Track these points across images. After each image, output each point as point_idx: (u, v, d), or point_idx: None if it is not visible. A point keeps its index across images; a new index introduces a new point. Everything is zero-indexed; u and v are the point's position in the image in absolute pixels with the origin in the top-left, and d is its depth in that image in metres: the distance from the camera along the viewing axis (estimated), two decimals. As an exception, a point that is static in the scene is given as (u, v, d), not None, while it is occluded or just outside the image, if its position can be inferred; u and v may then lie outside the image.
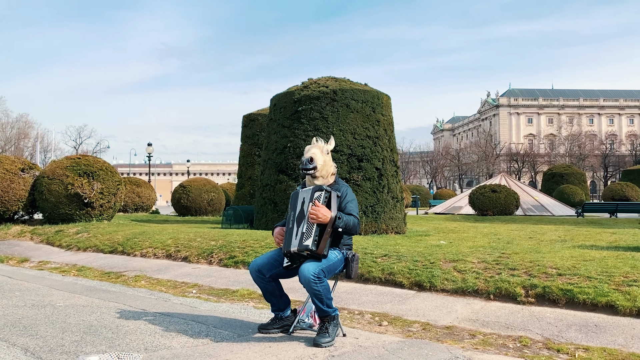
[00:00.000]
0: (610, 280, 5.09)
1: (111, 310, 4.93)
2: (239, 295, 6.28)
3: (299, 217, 3.87)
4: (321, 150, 4.08)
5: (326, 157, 4.09)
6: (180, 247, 9.52)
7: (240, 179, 20.13)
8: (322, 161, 4.04)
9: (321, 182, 4.04)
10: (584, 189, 42.02)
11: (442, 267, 6.19)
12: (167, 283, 7.36)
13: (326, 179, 4.06)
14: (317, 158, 4.02)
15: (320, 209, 3.75)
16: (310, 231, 3.76)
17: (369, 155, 12.16)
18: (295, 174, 12.26)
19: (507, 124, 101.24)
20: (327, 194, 3.86)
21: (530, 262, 5.93)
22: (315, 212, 3.74)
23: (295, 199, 3.99)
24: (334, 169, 4.14)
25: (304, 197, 3.93)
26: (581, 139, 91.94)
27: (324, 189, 3.87)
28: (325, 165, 4.05)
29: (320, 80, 13.01)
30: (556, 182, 42.47)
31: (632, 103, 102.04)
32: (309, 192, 3.90)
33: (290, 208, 3.99)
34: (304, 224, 3.81)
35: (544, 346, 4.10)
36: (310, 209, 3.77)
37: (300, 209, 3.90)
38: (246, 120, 20.25)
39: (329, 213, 3.77)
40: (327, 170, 4.07)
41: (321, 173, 4.03)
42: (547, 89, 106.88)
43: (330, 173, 4.09)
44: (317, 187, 3.89)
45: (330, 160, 4.17)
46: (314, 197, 3.84)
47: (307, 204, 3.86)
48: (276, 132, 12.98)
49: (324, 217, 3.74)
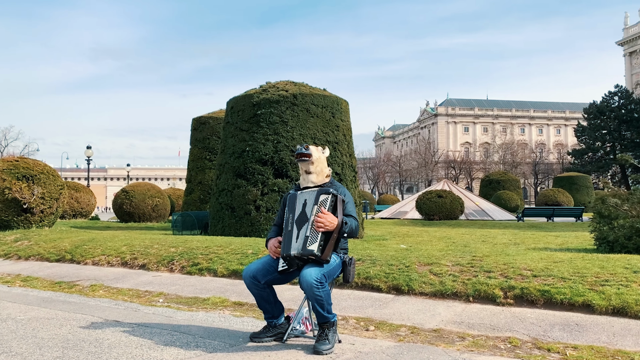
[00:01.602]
0: (583, 280, 5.29)
1: (81, 323, 4.57)
2: (211, 303, 6.03)
3: (300, 219, 3.74)
4: (316, 149, 4.01)
5: (322, 155, 4.00)
6: (136, 254, 9.07)
7: (190, 184, 19.59)
8: (317, 156, 3.95)
9: (315, 179, 3.93)
10: (519, 195, 44.06)
11: (418, 271, 6.22)
12: (129, 292, 6.97)
13: (320, 177, 3.95)
14: (314, 152, 3.93)
15: (327, 216, 3.65)
16: (315, 236, 3.64)
17: (329, 160, 12.11)
18: (254, 179, 12.05)
19: (444, 132, 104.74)
20: (333, 198, 3.75)
21: (504, 264, 6.07)
22: (322, 221, 3.63)
23: (293, 201, 3.86)
24: (328, 171, 4.05)
25: (306, 199, 3.80)
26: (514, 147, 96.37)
27: (330, 192, 3.76)
28: (320, 161, 3.95)
29: (279, 84, 12.88)
30: (493, 188, 44.22)
31: (559, 114, 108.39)
32: (313, 194, 3.78)
33: (288, 210, 3.85)
34: (307, 227, 3.68)
35: (534, 346, 4.17)
36: (317, 216, 3.65)
37: (301, 211, 3.77)
38: (196, 124, 19.75)
39: (336, 220, 3.67)
40: (322, 167, 3.96)
41: (316, 169, 3.94)
42: (482, 100, 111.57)
43: (325, 173, 3.99)
44: (323, 190, 3.78)
45: (325, 160, 4.07)
46: (319, 200, 3.72)
47: (311, 206, 3.73)
48: (234, 136, 12.71)
49: (330, 224, 3.64)
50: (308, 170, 3.93)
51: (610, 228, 9.03)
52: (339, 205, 3.76)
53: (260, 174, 12.04)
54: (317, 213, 3.68)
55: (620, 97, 64.25)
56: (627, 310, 4.67)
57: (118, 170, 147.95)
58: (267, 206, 11.83)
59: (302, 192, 3.88)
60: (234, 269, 7.50)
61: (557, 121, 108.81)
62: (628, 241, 8.53)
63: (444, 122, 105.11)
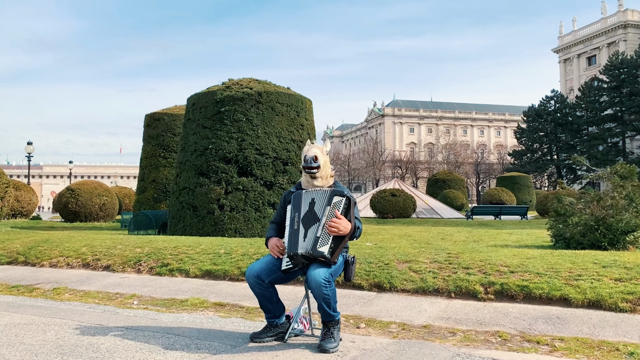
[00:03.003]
0: (558, 275, 5.55)
1: (65, 328, 4.35)
2: (190, 304, 5.88)
3: (307, 218, 3.70)
4: (321, 150, 3.96)
5: (326, 157, 3.97)
6: (99, 255, 8.71)
7: (142, 182, 18.99)
8: (324, 161, 3.92)
9: (320, 183, 3.91)
10: (464, 194, 45.56)
11: (398, 268, 6.32)
12: (98, 295, 6.68)
13: (325, 180, 3.94)
14: (320, 157, 3.89)
15: (342, 221, 3.64)
16: (327, 238, 3.62)
17: (294, 159, 12.11)
18: (217, 177, 11.85)
19: (391, 132, 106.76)
20: (347, 201, 3.73)
21: (481, 261, 6.27)
22: (337, 226, 3.61)
23: (298, 199, 3.82)
24: (332, 171, 4.03)
25: (313, 198, 3.76)
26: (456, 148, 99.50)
27: (345, 195, 3.74)
28: (325, 166, 3.93)
29: (242, 81, 12.72)
30: (439, 187, 45.42)
31: (499, 117, 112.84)
32: (324, 195, 3.74)
33: (293, 209, 3.81)
34: (317, 228, 3.65)
35: (523, 339, 4.34)
36: (332, 220, 3.63)
37: (308, 210, 3.73)
38: (150, 120, 19.17)
39: (349, 225, 3.67)
40: (327, 171, 3.95)
41: (321, 173, 3.91)
42: (427, 101, 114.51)
43: (328, 174, 3.97)
44: (337, 192, 3.75)
45: (329, 162, 4.02)
46: (332, 202, 3.69)
47: (322, 206, 3.69)
48: (195, 133, 12.44)
49: (345, 229, 3.64)
50: (314, 176, 3.89)
51: (565, 225, 9.50)
52: (352, 208, 3.76)
53: (224, 172, 11.84)
54: (331, 216, 3.66)
55: (556, 102, 67.67)
56: (601, 303, 4.94)
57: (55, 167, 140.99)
58: (232, 205, 11.66)
59: (307, 190, 3.85)
60: (208, 269, 7.35)
61: (497, 123, 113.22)
62: (583, 238, 9.01)
63: (391, 122, 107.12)
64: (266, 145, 11.92)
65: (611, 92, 60.79)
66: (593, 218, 9.05)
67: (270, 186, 11.84)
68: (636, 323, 4.54)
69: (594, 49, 74.01)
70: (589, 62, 75.40)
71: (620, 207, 9.01)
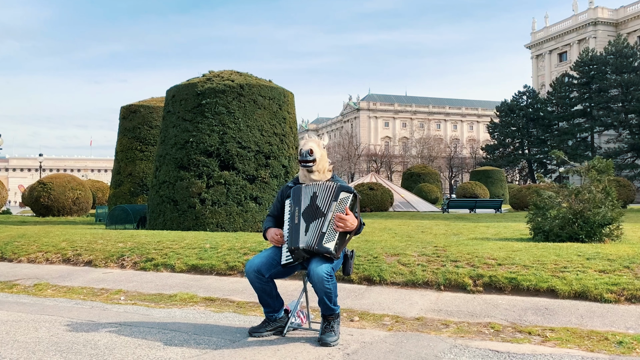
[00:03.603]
0: (544, 267, 5.68)
1: (56, 324, 4.25)
2: (179, 299, 5.82)
3: (309, 213, 3.68)
4: (318, 144, 3.95)
5: (323, 151, 3.96)
6: (80, 250, 8.54)
7: (118, 176, 18.65)
8: (320, 155, 3.91)
9: (317, 177, 3.90)
10: (438, 188, 46.15)
11: (387, 262, 6.38)
12: (82, 290, 6.56)
13: (322, 174, 3.93)
14: (316, 151, 3.88)
15: (349, 217, 3.65)
16: (333, 235, 3.63)
17: (276, 153, 12.07)
18: (199, 171, 11.72)
19: (366, 126, 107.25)
20: (354, 197, 3.73)
21: (468, 254, 6.37)
22: (344, 222, 3.62)
23: (298, 194, 3.79)
24: (329, 165, 4.02)
25: (315, 192, 3.73)
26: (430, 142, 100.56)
27: (352, 191, 3.74)
28: (322, 160, 3.92)
29: (223, 74, 12.58)
30: (414, 180, 45.90)
31: (472, 112, 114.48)
32: (330, 190, 3.70)
33: (294, 203, 3.79)
34: (322, 223, 3.63)
35: (515, 330, 4.43)
36: (340, 216, 3.62)
37: (309, 204, 3.71)
38: (125, 112, 18.81)
39: (356, 221, 3.69)
40: (323, 165, 3.93)
41: (318, 167, 3.90)
42: (402, 96, 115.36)
43: (326, 169, 3.95)
44: (344, 187, 3.74)
45: (326, 156, 4.00)
46: (339, 198, 3.67)
47: (327, 201, 3.67)
48: (175, 126, 12.27)
49: (352, 226, 3.66)
50: (310, 170, 3.88)
51: (544, 219, 9.71)
52: (357, 205, 3.77)
53: (205, 166, 11.72)
54: (338, 212, 3.65)
55: (528, 97, 69.01)
56: (587, 294, 5.08)
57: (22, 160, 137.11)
58: (213, 199, 11.55)
59: (308, 184, 3.83)
60: (194, 264, 7.29)
61: (470, 118, 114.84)
62: (561, 230, 9.22)
63: (366, 116, 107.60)
64: (248, 139, 11.84)
65: (581, 88, 62.30)
66: (571, 211, 9.27)
67: (252, 180, 11.77)
68: (621, 313, 4.68)
69: (565, 45, 75.65)
70: (560, 58, 77.07)
71: (597, 201, 9.26)
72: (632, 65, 59.38)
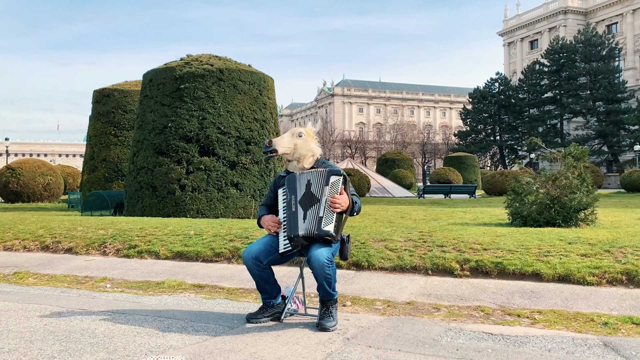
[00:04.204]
0: (528, 252, 5.83)
1: (46, 313, 4.17)
2: (167, 286, 5.78)
3: (305, 200, 3.70)
4: (292, 133, 3.93)
5: (297, 140, 3.87)
6: (59, 237, 8.36)
7: (92, 161, 18.24)
8: (292, 145, 3.86)
9: (298, 166, 3.87)
10: (412, 173, 46.65)
11: (374, 247, 6.44)
12: (65, 278, 6.44)
13: (303, 162, 3.89)
14: (279, 142, 3.87)
15: (343, 197, 3.68)
16: (331, 217, 3.64)
17: (257, 139, 11.99)
18: (178, 157, 11.57)
19: (341, 112, 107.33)
20: (343, 179, 3.76)
21: (454, 239, 6.48)
22: (339, 201, 3.65)
23: (293, 182, 3.80)
24: (313, 152, 3.92)
25: (309, 179, 3.75)
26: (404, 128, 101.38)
27: (342, 173, 3.76)
28: (297, 149, 3.87)
29: (202, 58, 12.39)
30: (389, 166, 46.26)
31: (445, 98, 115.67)
32: (320, 175, 3.72)
33: (289, 192, 3.79)
34: (318, 208, 3.65)
35: (504, 313, 4.55)
36: (334, 197, 3.66)
37: (305, 192, 3.72)
38: (99, 96, 18.36)
39: (348, 200, 3.71)
40: (301, 152, 3.88)
41: (293, 156, 3.89)
42: (376, 82, 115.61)
43: (306, 155, 3.87)
44: (334, 171, 3.75)
45: (307, 144, 3.93)
46: (330, 182, 3.70)
47: (320, 187, 3.69)
48: (153, 111, 12.05)
49: (346, 205, 3.69)
50: (287, 159, 3.90)
51: (522, 204, 9.93)
52: (348, 185, 3.79)
53: (184, 152, 11.56)
54: (332, 194, 3.67)
55: (500, 84, 69.99)
56: (570, 277, 5.24)
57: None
58: (193, 185, 11.43)
59: (302, 173, 3.83)
60: (179, 251, 7.22)
61: (443, 104, 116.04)
62: (539, 216, 9.45)
63: (341, 102, 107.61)
64: (228, 124, 11.72)
65: (551, 75, 63.46)
66: (549, 197, 9.50)
67: (233, 166, 11.68)
68: (604, 295, 4.85)
69: (536, 33, 76.80)
70: (531, 46, 78.26)
71: (573, 187, 9.51)
72: (600, 54, 60.75)
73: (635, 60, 67.34)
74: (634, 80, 65.85)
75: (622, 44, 66.88)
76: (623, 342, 3.53)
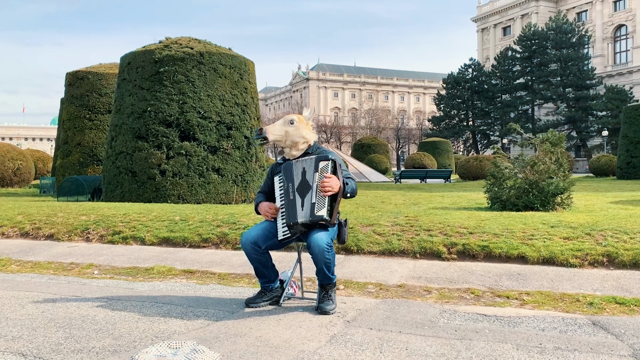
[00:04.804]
0: (513, 235, 5.99)
1: (41, 301, 4.11)
2: (157, 272, 5.75)
3: (302, 187, 3.74)
4: (284, 121, 3.96)
5: (289, 127, 3.92)
6: (39, 224, 8.20)
7: (66, 146, 17.82)
8: (284, 132, 3.91)
9: (294, 153, 3.93)
10: (387, 158, 47.03)
11: (362, 231, 6.52)
12: (50, 265, 6.34)
13: (295, 148, 3.93)
14: (270, 129, 3.92)
15: (332, 179, 3.70)
16: (323, 201, 3.68)
17: (238, 124, 11.90)
18: (158, 141, 11.41)
19: (316, 96, 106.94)
20: (332, 163, 3.79)
21: (440, 223, 6.61)
22: (330, 184, 3.68)
23: (290, 169, 3.83)
24: (306, 138, 3.95)
25: (304, 167, 3.79)
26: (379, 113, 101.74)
27: (330, 158, 3.79)
28: (288, 136, 3.92)
29: (181, 41, 12.17)
30: (364, 151, 46.52)
31: (419, 83, 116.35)
32: (312, 162, 3.78)
33: (286, 179, 3.83)
34: (311, 195, 3.70)
35: (494, 295, 4.68)
36: (323, 181, 3.69)
37: (301, 179, 3.76)
38: (72, 78, 17.88)
39: (339, 182, 3.74)
40: (293, 140, 3.92)
41: (285, 143, 3.94)
42: (351, 66, 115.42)
43: (297, 143, 3.92)
44: (322, 157, 3.79)
45: (298, 131, 3.95)
46: (319, 167, 3.74)
47: (312, 174, 3.74)
48: (132, 94, 11.83)
49: (337, 187, 3.71)
50: (280, 147, 3.94)
51: (500, 189, 10.16)
52: (338, 169, 3.83)
53: (164, 136, 11.41)
54: (322, 179, 3.71)
55: (473, 70, 70.79)
56: (554, 259, 5.42)
57: None
58: (174, 170, 11.30)
59: (297, 160, 3.87)
60: (165, 237, 7.18)
61: (417, 90, 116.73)
62: (518, 200, 9.70)
63: (316, 86, 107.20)
64: (209, 109, 11.59)
65: (523, 62, 64.47)
66: (527, 182, 9.75)
67: (214, 151, 11.58)
68: (587, 277, 5.03)
69: (509, 19, 77.68)
70: (504, 32, 79.17)
71: (551, 172, 9.76)
72: (570, 41, 61.93)
73: (603, 47, 68.89)
74: (602, 67, 67.43)
75: (592, 32, 68.29)
76: (610, 321, 3.69)
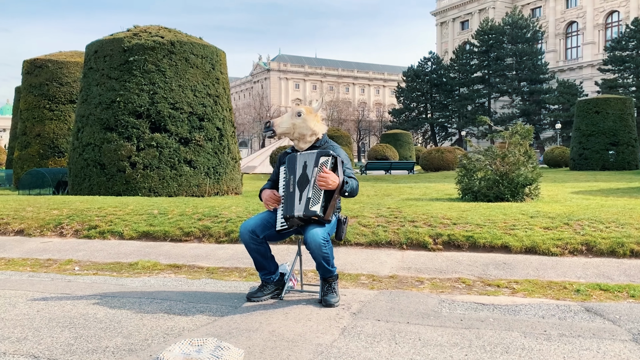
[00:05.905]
0: (496, 226, 6.16)
1: (31, 299, 3.95)
2: (142, 267, 5.62)
3: (301, 181, 3.73)
4: (292, 113, 3.94)
5: (296, 119, 3.90)
6: (7, 219, 7.87)
7: (24, 137, 17.09)
8: (291, 124, 3.90)
9: (302, 145, 3.92)
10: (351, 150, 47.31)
11: (348, 223, 6.55)
12: (25, 262, 6.10)
13: (303, 141, 3.92)
14: (277, 122, 3.91)
15: (329, 175, 3.68)
16: (317, 197, 3.68)
17: (210, 115, 11.72)
18: (128, 133, 11.11)
19: (277, 87, 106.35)
20: (333, 159, 3.78)
21: (424, 214, 6.72)
22: (325, 179, 3.66)
23: (293, 162, 3.81)
24: (316, 130, 3.94)
25: (305, 161, 3.78)
26: (340, 105, 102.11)
27: (330, 154, 3.78)
28: (296, 128, 3.91)
29: (150, 29, 11.85)
30: (328, 143, 46.49)
31: (379, 76, 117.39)
32: (313, 156, 3.76)
33: (289, 171, 3.81)
34: (309, 189, 3.69)
35: (484, 284, 4.81)
36: (319, 175, 3.68)
37: (302, 173, 3.75)
38: (30, 67, 17.13)
39: (337, 179, 3.72)
40: (300, 132, 3.91)
41: (293, 136, 3.93)
42: (312, 58, 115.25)
43: (304, 135, 3.91)
44: (323, 152, 3.78)
45: (306, 123, 3.93)
46: (319, 163, 3.73)
47: (311, 168, 3.73)
48: (100, 84, 11.46)
49: (333, 183, 3.69)
50: (289, 139, 3.93)
51: (472, 180, 10.42)
52: (339, 165, 3.82)
53: (134, 128, 11.11)
54: (319, 173, 3.70)
55: (432, 63, 71.93)
56: (536, 248, 5.61)
57: None
58: (145, 162, 11.04)
59: (301, 153, 3.86)
60: (144, 231, 7.02)
61: (377, 82, 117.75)
62: (489, 191, 9.97)
63: (277, 77, 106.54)
64: (181, 99, 11.35)
65: (481, 56, 65.98)
66: (498, 173, 10.03)
67: (186, 143, 11.37)
68: (569, 264, 5.24)
69: (467, 14, 79.25)
70: (462, 26, 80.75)
71: (520, 164, 10.08)
72: (525, 37, 63.77)
73: (556, 43, 71.32)
74: (554, 62, 69.85)
75: (545, 27, 70.55)
76: (603, 307, 3.86)
